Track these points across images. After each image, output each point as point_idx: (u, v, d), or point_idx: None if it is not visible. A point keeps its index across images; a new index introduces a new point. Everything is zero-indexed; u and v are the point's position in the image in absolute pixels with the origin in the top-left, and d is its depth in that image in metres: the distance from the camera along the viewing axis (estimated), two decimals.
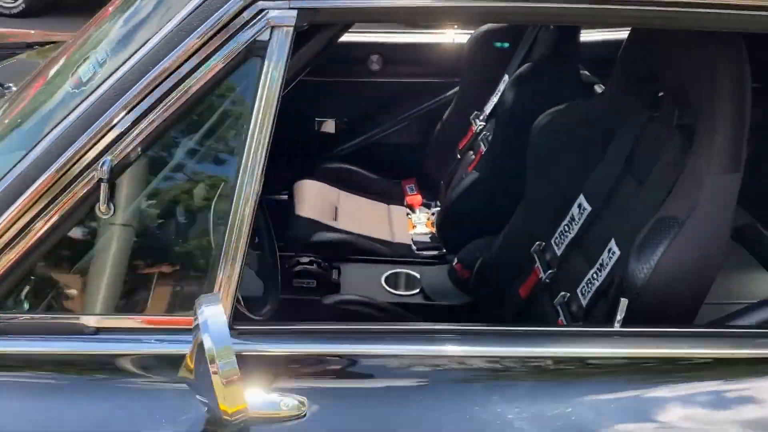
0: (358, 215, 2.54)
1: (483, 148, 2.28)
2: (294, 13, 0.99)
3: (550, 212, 1.71)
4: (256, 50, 1.00)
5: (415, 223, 2.54)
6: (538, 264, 1.71)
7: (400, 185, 2.73)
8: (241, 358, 1.01)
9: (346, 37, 2.73)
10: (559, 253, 1.65)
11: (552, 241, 1.69)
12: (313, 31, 1.25)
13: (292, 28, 0.99)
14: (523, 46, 2.30)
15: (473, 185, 2.17)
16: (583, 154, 1.67)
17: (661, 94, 1.50)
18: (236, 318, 1.08)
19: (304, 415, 0.98)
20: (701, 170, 1.26)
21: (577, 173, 1.66)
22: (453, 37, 2.71)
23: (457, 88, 2.60)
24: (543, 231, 1.74)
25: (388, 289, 2.13)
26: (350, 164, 2.72)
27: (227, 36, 0.99)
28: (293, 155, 2.83)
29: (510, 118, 2.04)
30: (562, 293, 1.55)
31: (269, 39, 0.99)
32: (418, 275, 2.19)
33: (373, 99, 2.77)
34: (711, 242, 1.25)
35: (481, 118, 2.39)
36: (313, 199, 2.55)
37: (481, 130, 2.36)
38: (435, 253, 2.35)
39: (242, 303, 1.45)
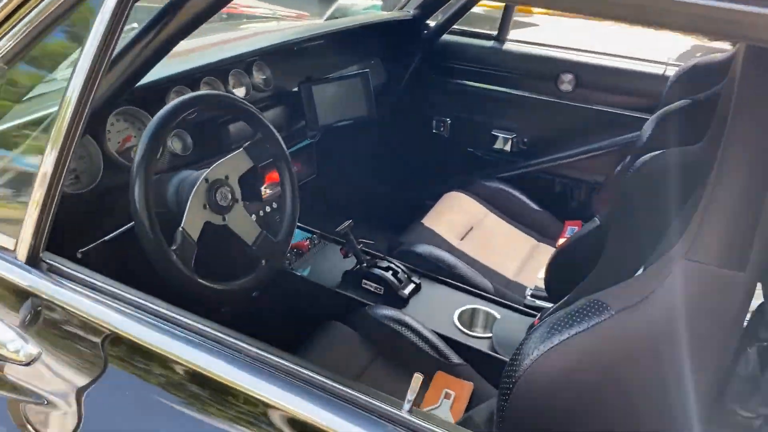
0: (491, 242, 2.28)
1: None
2: None
3: (621, 273, 1.33)
4: None
5: None
6: None
7: (562, 224, 2.39)
8: (36, 295, 0.99)
9: (538, 50, 2.48)
10: None
11: None
12: None
13: None
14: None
15: (589, 233, 1.79)
16: (665, 209, 1.27)
17: None
18: (66, 254, 1.03)
19: (28, 363, 0.91)
20: (678, 252, 0.85)
21: (655, 232, 1.26)
22: (664, 68, 2.26)
23: None
24: None
25: (455, 321, 1.87)
26: (513, 188, 2.45)
27: None
28: (461, 164, 2.67)
29: (636, 157, 1.63)
30: None
31: None
32: (498, 317, 1.89)
33: (557, 122, 2.44)
34: (655, 348, 0.84)
35: None
36: (451, 212, 2.36)
37: None
38: (547, 305, 2.00)
39: (191, 266, 1.38)
